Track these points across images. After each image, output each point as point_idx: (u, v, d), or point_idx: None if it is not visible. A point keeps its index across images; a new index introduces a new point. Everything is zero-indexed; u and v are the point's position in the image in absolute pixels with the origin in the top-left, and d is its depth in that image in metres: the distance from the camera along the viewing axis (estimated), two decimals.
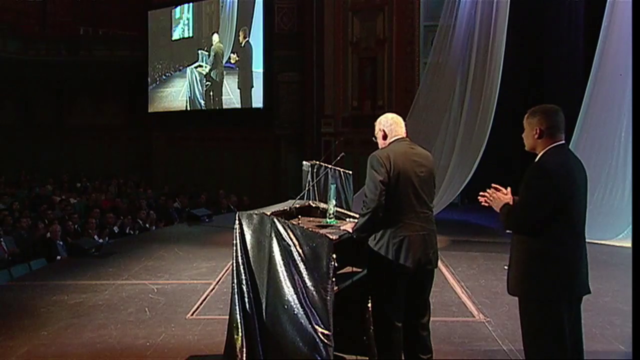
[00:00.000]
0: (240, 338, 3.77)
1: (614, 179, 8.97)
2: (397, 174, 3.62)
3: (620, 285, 6.37)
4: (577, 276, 3.13)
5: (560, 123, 3.17)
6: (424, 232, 3.66)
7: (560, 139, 3.16)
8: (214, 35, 16.47)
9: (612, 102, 9.21)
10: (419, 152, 3.81)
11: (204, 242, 9.37)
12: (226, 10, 16.37)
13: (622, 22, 9.15)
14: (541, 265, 3.09)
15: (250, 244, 3.84)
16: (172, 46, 17.70)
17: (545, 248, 3.09)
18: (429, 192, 3.76)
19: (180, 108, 17.38)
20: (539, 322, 3.13)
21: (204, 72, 16.76)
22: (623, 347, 4.62)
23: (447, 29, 11.50)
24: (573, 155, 3.22)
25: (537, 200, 3.09)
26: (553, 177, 3.06)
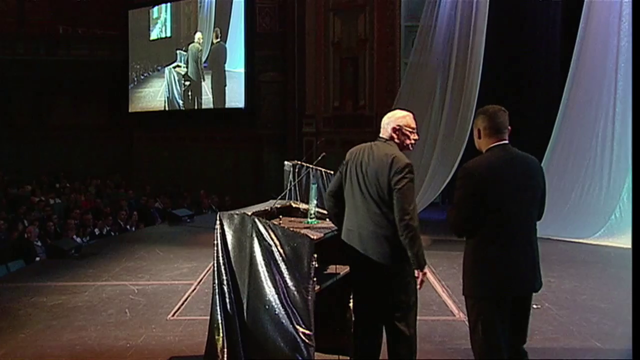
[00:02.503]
0: (221, 338, 3.77)
1: (591, 179, 9.09)
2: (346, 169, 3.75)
3: (597, 283, 6.48)
4: (506, 275, 3.11)
5: (500, 124, 3.19)
6: (360, 230, 3.59)
7: (501, 139, 3.18)
8: (197, 34, 16.42)
9: (589, 102, 9.33)
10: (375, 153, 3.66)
11: (185, 243, 9.33)
12: (204, 10, 16.34)
13: (599, 23, 9.28)
14: (471, 264, 3.16)
15: (232, 244, 3.83)
16: (150, 46, 17.60)
17: (475, 247, 3.15)
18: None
19: (159, 108, 17.31)
20: (472, 319, 3.19)
21: (182, 72, 16.71)
22: (599, 344, 4.67)
23: (427, 29, 11.57)
24: (515, 155, 3.18)
25: (461, 200, 3.15)
26: (474, 176, 3.10)
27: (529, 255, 3.17)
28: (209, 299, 3.97)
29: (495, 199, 3.10)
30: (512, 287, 3.15)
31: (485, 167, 3.15)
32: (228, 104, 15.94)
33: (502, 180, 3.13)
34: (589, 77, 9.35)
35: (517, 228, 3.14)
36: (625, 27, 8.92)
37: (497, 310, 3.13)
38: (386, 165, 3.49)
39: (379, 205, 3.52)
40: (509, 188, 3.13)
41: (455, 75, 10.98)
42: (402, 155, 3.54)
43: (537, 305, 5.47)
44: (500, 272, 3.12)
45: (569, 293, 6.05)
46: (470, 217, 3.12)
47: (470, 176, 3.13)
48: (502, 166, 3.15)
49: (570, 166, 9.32)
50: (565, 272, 6.85)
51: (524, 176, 3.16)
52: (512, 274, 3.12)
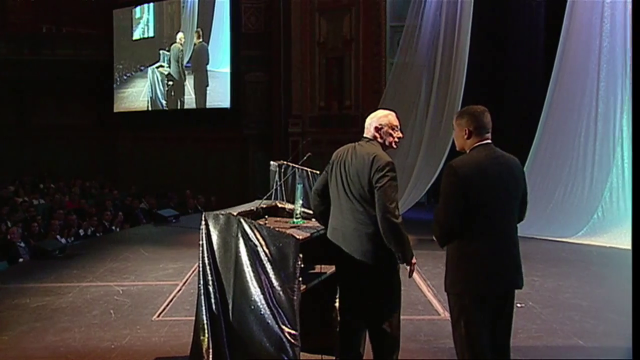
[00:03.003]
0: (207, 339, 3.77)
1: (574, 178, 9.17)
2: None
3: (579, 282, 6.55)
4: (488, 273, 3.15)
5: (487, 123, 3.25)
6: (343, 229, 3.60)
7: (486, 138, 3.24)
8: (178, 34, 16.37)
9: (572, 103, 9.42)
10: (357, 152, 3.67)
11: (171, 243, 9.30)
12: (187, 10, 16.31)
13: (581, 24, 9.37)
14: (454, 261, 3.21)
15: (217, 245, 3.83)
16: (133, 46, 17.55)
17: (458, 245, 3.19)
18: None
19: (142, 108, 17.28)
20: (454, 316, 3.24)
21: (165, 72, 16.67)
22: (581, 342, 4.72)
23: (413, 29, 11.62)
24: (499, 155, 3.23)
25: (447, 198, 3.19)
26: (459, 174, 3.15)
27: (511, 254, 3.21)
28: (195, 299, 3.97)
29: (479, 197, 3.14)
30: (493, 284, 3.18)
31: (471, 165, 3.20)
32: (210, 104, 15.96)
33: (486, 178, 3.17)
34: (571, 77, 9.44)
35: (500, 226, 3.18)
36: (607, 28, 9.03)
37: (479, 308, 3.16)
38: (367, 164, 3.52)
39: (361, 204, 3.54)
40: (493, 186, 3.17)
41: (440, 75, 11.04)
42: (384, 154, 3.56)
43: (520, 304, 5.52)
44: (482, 269, 3.15)
45: (552, 292, 6.11)
46: (456, 214, 3.16)
47: (455, 174, 3.17)
48: (487, 165, 3.20)
49: (554, 166, 9.41)
50: (549, 271, 6.92)
51: (507, 175, 3.21)
52: (493, 272, 3.16)
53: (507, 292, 3.25)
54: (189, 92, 16.27)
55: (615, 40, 8.98)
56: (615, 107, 8.95)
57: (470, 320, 3.17)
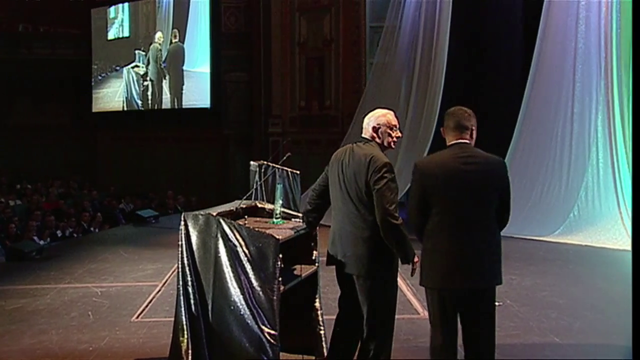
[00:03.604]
0: (186, 340, 3.75)
1: (551, 178, 9.28)
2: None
3: (556, 280, 6.64)
4: (446, 269, 3.21)
5: (458, 122, 3.31)
6: (340, 232, 3.62)
7: (459, 138, 3.30)
8: (157, 34, 16.30)
9: (548, 103, 9.54)
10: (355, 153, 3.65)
11: (150, 244, 9.24)
12: (162, 10, 16.24)
13: (557, 25, 9.49)
14: (422, 257, 3.32)
15: (196, 245, 3.82)
16: (108, 46, 17.43)
17: (425, 240, 3.30)
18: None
19: (117, 109, 17.18)
20: (428, 310, 3.35)
21: (141, 72, 16.57)
22: (558, 339, 4.79)
23: (392, 29, 11.68)
24: (471, 154, 3.25)
25: (411, 194, 3.33)
26: (419, 172, 3.29)
27: (472, 252, 3.21)
28: (174, 300, 3.95)
29: (437, 195, 3.22)
30: (447, 281, 3.22)
31: (433, 163, 3.31)
32: (186, 104, 15.91)
33: (446, 177, 3.22)
34: (548, 78, 9.56)
35: (463, 224, 3.21)
36: (582, 30, 9.17)
37: (441, 304, 3.24)
38: (364, 166, 3.49)
39: (357, 207, 3.53)
40: (453, 185, 3.21)
41: (419, 76, 11.12)
42: (381, 155, 3.53)
43: (499, 302, 5.57)
44: (441, 265, 3.23)
45: (529, 290, 6.19)
46: (417, 210, 3.28)
47: (417, 172, 3.30)
48: (450, 163, 3.25)
49: (531, 166, 9.52)
50: (526, 270, 7.00)
51: (474, 175, 3.22)
52: (451, 268, 3.21)
53: (472, 292, 3.24)
54: (166, 93, 16.23)
55: (590, 41, 9.11)
56: (590, 108, 9.08)
57: (434, 315, 3.29)
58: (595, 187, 8.80)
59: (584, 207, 8.78)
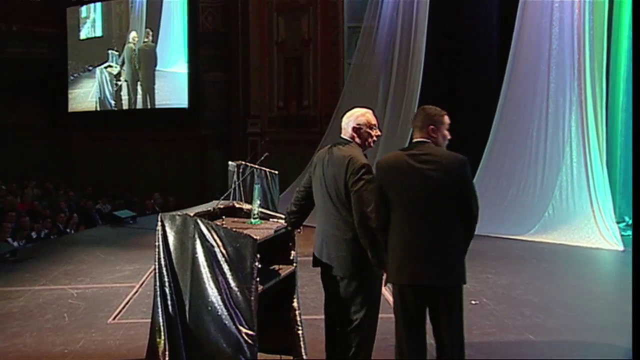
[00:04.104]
0: (163, 341, 3.73)
1: (526, 177, 9.39)
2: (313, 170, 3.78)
3: (531, 278, 6.72)
4: (401, 264, 3.27)
5: (417, 121, 3.39)
6: (323, 234, 3.65)
7: (422, 136, 3.36)
8: (131, 33, 16.18)
9: (524, 103, 9.66)
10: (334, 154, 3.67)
11: (128, 245, 9.16)
12: (136, 10, 16.14)
13: (532, 26, 9.61)
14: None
15: (173, 246, 3.80)
16: (80, 46, 17.28)
17: (388, 237, 3.34)
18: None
19: (90, 109, 17.05)
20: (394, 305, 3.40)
21: (114, 72, 16.44)
22: (532, 336, 4.85)
23: (370, 30, 11.73)
24: (427, 152, 3.29)
25: (374, 192, 3.39)
26: (378, 170, 3.38)
27: (425, 249, 3.24)
28: (152, 301, 3.93)
29: (395, 192, 3.29)
30: (401, 275, 3.28)
31: (391, 161, 3.37)
32: (159, 104, 15.87)
33: (402, 175, 3.29)
34: (523, 78, 9.68)
35: (415, 222, 3.25)
36: (555, 31, 9.29)
37: (401, 300, 3.31)
38: (343, 167, 3.51)
39: (337, 208, 3.55)
40: (408, 183, 3.27)
41: (397, 76, 11.18)
42: (360, 156, 3.54)
43: (475, 301, 5.65)
44: (394, 260, 3.29)
45: (505, 288, 6.26)
46: (379, 208, 3.33)
47: (377, 170, 3.39)
48: (403, 161, 3.31)
49: (507, 165, 9.62)
50: (502, 268, 7.08)
51: (424, 172, 3.25)
52: (402, 264, 3.27)
53: (428, 289, 3.27)
54: (140, 93, 16.17)
55: (563, 42, 9.24)
56: (564, 108, 9.20)
57: (395, 310, 3.36)
58: (569, 187, 8.92)
59: (558, 206, 8.90)
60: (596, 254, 8.04)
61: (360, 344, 3.64)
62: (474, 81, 11.06)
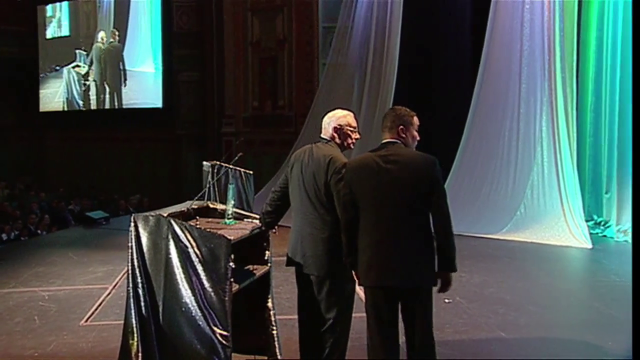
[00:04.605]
0: (136, 343, 3.71)
1: (499, 177, 9.50)
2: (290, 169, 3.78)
3: (503, 276, 6.81)
4: (370, 265, 3.28)
5: (386, 122, 3.41)
6: (301, 232, 3.67)
7: (391, 137, 3.39)
8: (100, 33, 16.04)
9: (496, 104, 9.77)
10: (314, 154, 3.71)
11: (101, 246, 9.06)
12: (103, 9, 16.02)
13: (504, 27, 9.71)
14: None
15: (147, 247, 3.77)
16: (47, 45, 17.08)
17: (358, 238, 3.35)
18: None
19: (57, 109, 16.88)
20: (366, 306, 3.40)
21: (82, 72, 16.26)
22: (504, 334, 4.92)
23: (344, 30, 11.75)
24: (395, 152, 3.31)
25: (342, 193, 3.40)
26: (347, 170, 3.39)
27: (394, 249, 3.24)
28: (125, 303, 3.90)
29: (362, 193, 3.30)
30: (372, 277, 3.29)
31: (358, 162, 3.38)
32: (126, 103, 15.81)
33: (369, 175, 3.30)
34: (495, 79, 9.79)
35: (384, 222, 3.26)
36: (526, 32, 9.41)
37: (372, 301, 3.33)
38: (323, 167, 3.53)
39: (315, 207, 3.57)
40: (371, 183, 3.28)
41: (371, 76, 11.22)
42: (340, 156, 3.58)
43: (448, 299, 5.71)
44: (363, 262, 3.31)
45: (478, 287, 6.34)
46: (346, 208, 3.34)
47: (345, 170, 3.40)
48: (372, 162, 3.32)
49: (480, 165, 9.73)
50: (475, 267, 7.16)
51: (393, 173, 3.26)
52: (369, 265, 3.29)
53: (397, 290, 3.28)
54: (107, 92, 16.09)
55: (534, 43, 9.36)
56: (535, 108, 9.33)
57: (368, 312, 3.37)
58: (540, 186, 9.05)
59: (529, 205, 9.03)
60: (566, 252, 8.19)
61: (334, 344, 3.65)
62: (448, 81, 11.16)
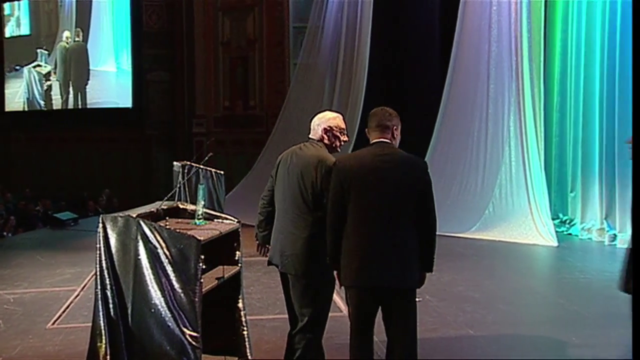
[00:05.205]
0: (104, 345, 3.67)
1: (468, 176, 9.63)
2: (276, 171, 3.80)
3: (472, 274, 6.91)
4: (360, 266, 3.26)
5: (379, 122, 3.39)
6: (283, 232, 3.69)
7: (380, 137, 3.37)
8: (64, 32, 15.85)
9: (465, 104, 9.89)
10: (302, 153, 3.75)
11: (69, 247, 8.93)
12: (65, 9, 15.82)
13: (472, 28, 9.84)
14: (342, 254, 3.34)
15: (115, 248, 3.74)
16: (6, 44, 16.80)
17: (344, 239, 3.31)
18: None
19: (17, 109, 16.64)
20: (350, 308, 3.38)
21: (43, 71, 15.99)
22: (472, 331, 4.99)
23: (315, 30, 11.79)
24: (389, 153, 3.31)
25: (330, 193, 3.36)
26: (337, 169, 3.34)
27: (382, 250, 3.25)
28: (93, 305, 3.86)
29: (353, 192, 3.26)
30: (360, 277, 3.27)
31: (350, 161, 3.35)
32: (90, 102, 15.70)
33: (361, 174, 3.28)
34: (464, 80, 9.91)
35: (377, 222, 3.25)
36: (494, 34, 9.55)
37: (359, 302, 3.30)
38: (312, 167, 3.54)
39: (298, 206, 3.58)
40: (367, 182, 3.27)
41: (342, 76, 11.28)
42: (329, 156, 3.59)
43: (419, 298, 5.75)
44: (353, 262, 3.27)
45: (447, 285, 6.41)
46: (335, 207, 3.30)
47: (336, 169, 3.34)
48: (367, 161, 3.31)
49: (450, 165, 9.84)
50: (445, 266, 7.21)
51: (388, 173, 3.27)
52: (360, 265, 3.26)
53: (384, 291, 3.28)
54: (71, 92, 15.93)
55: (502, 45, 9.51)
56: (503, 109, 9.48)
57: (352, 313, 3.34)
58: (508, 185, 9.19)
59: (498, 204, 9.17)
60: (533, 250, 8.34)
61: (306, 346, 3.65)
62: (418, 82, 11.27)
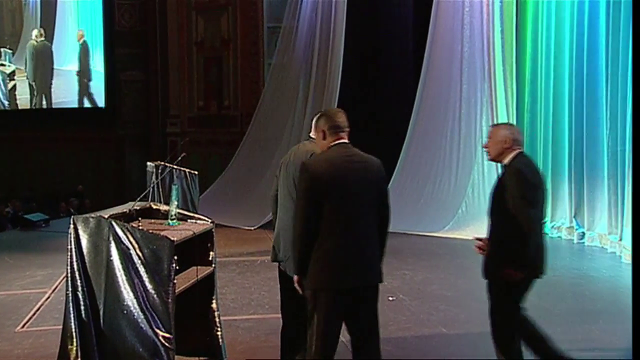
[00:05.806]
0: (75, 347, 3.63)
1: (441, 176, 9.71)
2: None
3: (445, 273, 6.98)
4: (339, 267, 3.24)
5: (341, 123, 3.37)
6: (283, 230, 3.77)
7: (340, 138, 3.35)
8: (34, 31, 15.61)
9: (438, 104, 9.97)
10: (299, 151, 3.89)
11: (40, 249, 8.81)
12: (29, 8, 15.63)
13: (445, 29, 9.92)
14: (312, 260, 3.25)
15: (87, 249, 3.71)
16: None
17: (317, 243, 3.24)
18: None
19: None
20: (310, 311, 3.29)
21: (7, 71, 15.75)
22: (445, 330, 5.06)
23: (289, 30, 11.78)
24: (354, 153, 3.33)
25: (300, 196, 3.32)
26: (310, 172, 3.27)
27: (363, 249, 3.27)
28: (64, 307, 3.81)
29: (328, 194, 3.23)
30: (345, 278, 3.24)
31: (322, 163, 3.32)
32: (55, 102, 15.54)
33: (337, 176, 3.26)
34: (437, 80, 9.99)
35: (352, 222, 3.25)
36: (467, 35, 9.65)
37: (333, 304, 3.23)
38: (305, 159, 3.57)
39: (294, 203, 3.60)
40: (343, 184, 3.26)
41: (317, 76, 11.28)
42: None
43: (392, 297, 5.81)
44: (334, 264, 3.23)
45: (420, 284, 6.47)
46: (308, 211, 3.23)
47: (306, 171, 3.28)
48: (338, 163, 3.29)
49: (423, 164, 9.91)
50: (418, 264, 7.31)
51: (360, 174, 3.29)
52: (344, 266, 3.23)
53: (360, 289, 3.27)
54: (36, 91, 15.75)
55: (474, 45, 9.61)
56: (475, 109, 9.58)
57: (323, 317, 3.22)
58: (480, 184, 9.28)
59: (470, 203, 9.26)
60: None
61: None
62: (392, 82, 11.34)
